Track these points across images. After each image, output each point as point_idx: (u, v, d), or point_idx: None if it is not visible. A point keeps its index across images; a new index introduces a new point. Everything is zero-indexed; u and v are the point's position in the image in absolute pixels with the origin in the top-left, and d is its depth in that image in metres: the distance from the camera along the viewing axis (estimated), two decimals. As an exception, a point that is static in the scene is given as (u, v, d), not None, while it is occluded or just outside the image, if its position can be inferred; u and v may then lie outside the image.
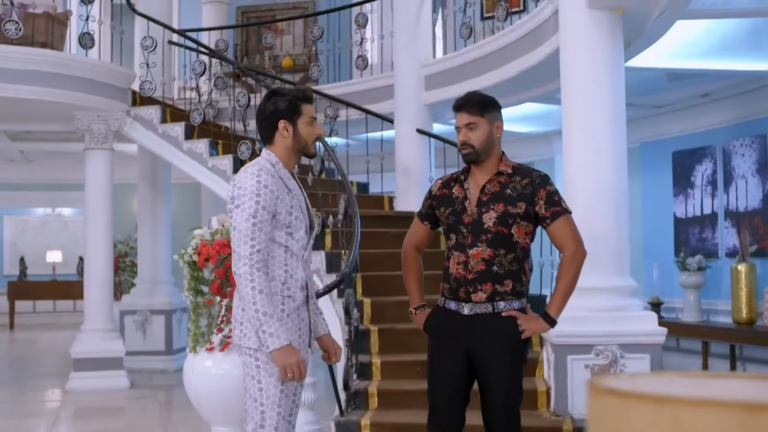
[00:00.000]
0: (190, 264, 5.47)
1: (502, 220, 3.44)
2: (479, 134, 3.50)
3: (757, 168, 7.88)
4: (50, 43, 8.88)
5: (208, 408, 5.40)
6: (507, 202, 3.46)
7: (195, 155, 8.46)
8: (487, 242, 3.44)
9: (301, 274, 3.34)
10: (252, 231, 3.20)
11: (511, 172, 3.52)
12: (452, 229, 3.54)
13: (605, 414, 0.86)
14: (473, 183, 3.55)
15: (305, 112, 3.40)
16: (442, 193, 3.62)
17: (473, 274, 3.44)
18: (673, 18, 5.45)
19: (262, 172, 3.27)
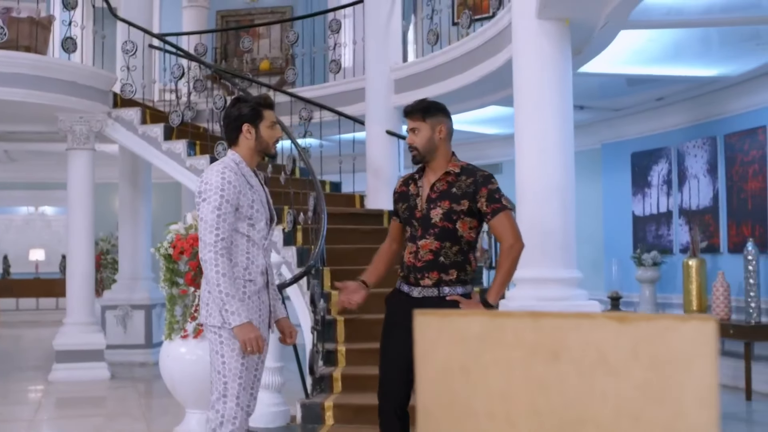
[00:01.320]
0: (165, 257, 5.83)
1: (447, 216, 3.79)
2: (421, 138, 3.84)
3: (708, 168, 8.30)
4: (34, 46, 9.21)
5: (183, 391, 5.77)
6: (452, 200, 3.80)
7: (174, 155, 8.80)
8: (434, 235, 3.80)
9: (262, 261, 3.72)
10: (216, 221, 3.57)
11: (458, 172, 3.85)
12: (407, 222, 3.91)
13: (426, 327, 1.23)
14: (426, 181, 3.90)
15: (266, 117, 3.77)
16: (401, 191, 3.98)
17: (422, 263, 3.81)
18: (616, 28, 5.84)
19: (226, 170, 3.64)
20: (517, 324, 1.07)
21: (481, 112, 9.11)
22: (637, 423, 1.02)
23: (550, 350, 1.03)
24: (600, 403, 1.02)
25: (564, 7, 5.50)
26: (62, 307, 14.00)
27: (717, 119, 8.19)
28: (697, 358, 1.07)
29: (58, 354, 8.94)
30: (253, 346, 3.55)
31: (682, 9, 5.82)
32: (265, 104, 3.82)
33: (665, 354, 1.04)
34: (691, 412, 1.06)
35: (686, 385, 1.05)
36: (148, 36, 9.60)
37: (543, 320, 1.06)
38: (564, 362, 1.03)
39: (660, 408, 1.03)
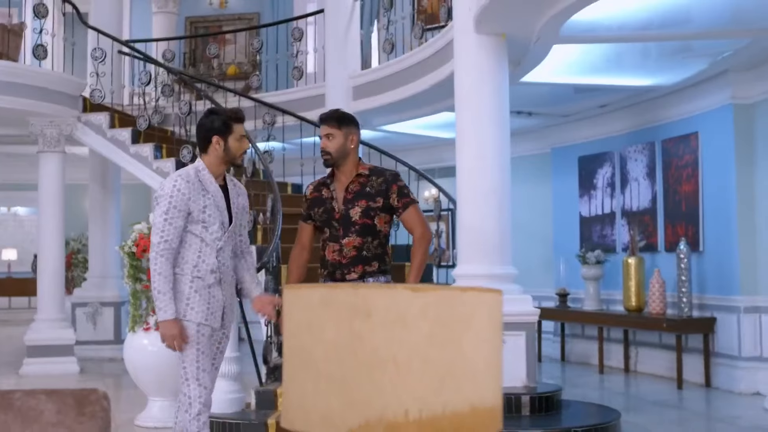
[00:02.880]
0: (129, 254, 6.24)
1: (366, 214, 4.12)
2: (335, 144, 4.16)
3: (648, 172, 8.81)
4: (6, 53, 9.56)
5: (145, 380, 6.19)
6: (368, 198, 4.13)
7: (141, 158, 9.18)
8: (356, 233, 4.12)
9: (213, 260, 4.04)
10: (163, 225, 3.95)
11: (368, 173, 4.20)
12: (326, 224, 4.19)
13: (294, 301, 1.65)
14: (338, 185, 4.20)
15: (236, 131, 4.07)
16: (314, 196, 4.27)
17: (347, 259, 4.13)
18: (549, 43, 6.31)
19: (179, 179, 4.00)
20: (343, 293, 1.50)
21: (436, 118, 9.56)
22: (425, 362, 1.45)
23: (365, 311, 1.46)
24: (398, 347, 1.45)
25: (499, 23, 5.97)
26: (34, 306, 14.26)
27: (655, 125, 8.69)
28: (475, 316, 1.51)
29: (28, 349, 9.29)
30: (170, 342, 3.96)
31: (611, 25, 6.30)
32: (235, 118, 4.10)
33: (448, 313, 1.48)
34: (469, 356, 1.50)
35: (465, 336, 1.49)
36: (117, 42, 9.97)
37: (360, 290, 1.49)
38: (374, 319, 1.45)
39: (443, 352, 1.46)
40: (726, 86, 7.56)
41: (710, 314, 7.89)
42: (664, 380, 8.22)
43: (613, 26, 6.31)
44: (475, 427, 1.51)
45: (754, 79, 7.36)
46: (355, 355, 1.47)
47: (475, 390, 1.51)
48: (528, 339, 6.01)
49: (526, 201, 10.24)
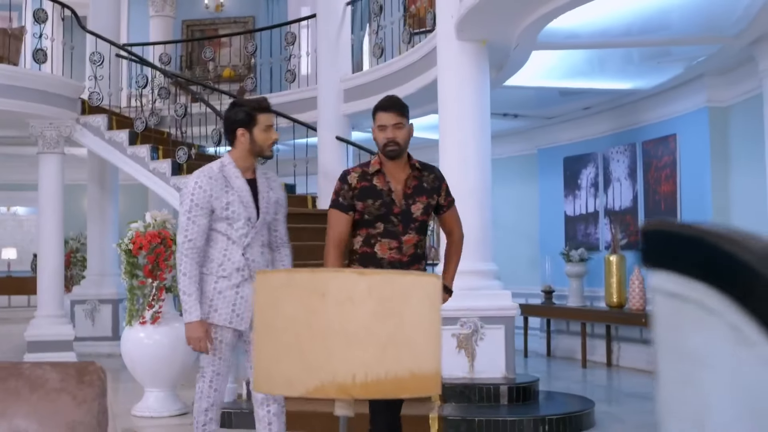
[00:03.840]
0: (126, 252, 6.51)
1: (425, 211, 3.94)
2: (404, 134, 3.89)
3: (629, 172, 9.09)
4: (7, 56, 9.84)
5: (141, 371, 6.46)
6: (427, 195, 3.95)
7: (138, 159, 9.44)
8: (415, 230, 3.91)
9: (239, 257, 3.93)
10: (186, 224, 3.87)
11: (420, 168, 3.99)
12: (381, 219, 3.88)
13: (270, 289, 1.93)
14: (392, 177, 3.92)
15: (261, 121, 3.93)
16: (364, 186, 3.90)
17: (407, 258, 3.89)
18: (528, 49, 6.59)
19: (201, 175, 3.95)
20: (302, 276, 1.78)
21: (424, 119, 9.83)
22: (370, 334, 1.72)
23: (320, 291, 1.73)
24: (347, 321, 1.72)
25: (479, 30, 6.25)
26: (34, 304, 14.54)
27: (636, 128, 8.98)
28: (413, 296, 1.79)
29: (29, 344, 9.56)
30: (195, 345, 3.89)
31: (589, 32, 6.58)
32: (259, 108, 3.97)
33: (389, 293, 1.75)
34: (408, 329, 1.77)
35: (404, 312, 1.76)
36: (115, 46, 10.24)
37: (317, 273, 1.76)
38: (328, 298, 1.73)
39: (385, 326, 1.74)
40: (702, 90, 7.84)
41: (687, 310, 8.17)
42: (645, 374, 8.50)
43: (592, 33, 6.59)
44: (414, 390, 1.79)
45: (727, 84, 7.64)
46: (311, 328, 1.74)
47: (414, 359, 1.78)
48: (507, 332, 6.29)
49: (514, 201, 10.52)
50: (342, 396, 1.74)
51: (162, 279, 6.36)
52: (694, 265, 0.72)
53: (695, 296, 0.71)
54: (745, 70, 7.17)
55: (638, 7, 6.18)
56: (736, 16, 5.94)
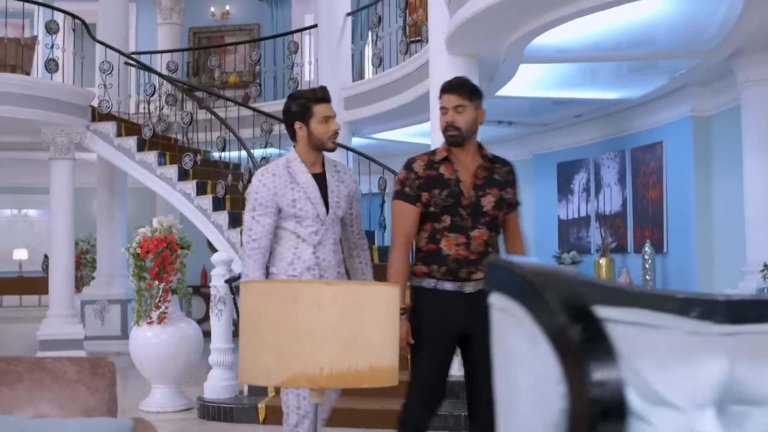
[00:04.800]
0: (134, 255, 6.87)
1: (498, 205, 3.60)
2: (466, 118, 3.57)
3: (619, 178, 9.41)
4: (20, 65, 10.24)
5: (148, 369, 6.83)
6: (500, 187, 3.63)
7: (146, 165, 9.82)
8: (485, 225, 3.56)
9: (309, 256, 3.76)
10: (251, 224, 3.77)
11: (492, 158, 3.69)
12: (448, 210, 3.56)
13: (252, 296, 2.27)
14: (461, 167, 3.62)
15: (317, 113, 3.77)
16: (430, 174, 3.61)
17: (476, 255, 3.53)
18: (516, 63, 6.92)
19: (265, 173, 3.82)
20: (279, 286, 2.12)
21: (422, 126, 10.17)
22: (335, 334, 2.06)
23: (294, 298, 2.07)
24: (315, 323, 2.06)
25: (468, 45, 6.59)
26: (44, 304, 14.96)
27: (625, 135, 9.30)
28: (373, 303, 2.13)
29: (41, 343, 9.94)
30: None
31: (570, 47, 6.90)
32: (314, 99, 3.80)
33: (352, 300, 2.10)
34: (368, 331, 2.12)
35: (364, 316, 2.11)
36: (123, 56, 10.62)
37: (291, 284, 2.11)
38: (300, 304, 2.07)
39: (348, 327, 2.08)
40: (686, 100, 8.16)
41: (673, 311, 8.49)
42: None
43: (584, 47, 6.89)
44: (373, 381, 2.14)
45: (710, 94, 7.95)
46: (286, 328, 2.09)
47: (372, 355, 2.13)
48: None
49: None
50: (311, 385, 2.09)
51: (168, 281, 6.72)
52: (511, 288, 1.07)
53: (512, 310, 1.06)
54: (726, 82, 7.48)
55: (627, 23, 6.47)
56: (712, 32, 6.25)
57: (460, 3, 6.09)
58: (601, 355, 0.94)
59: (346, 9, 10.08)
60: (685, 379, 1.12)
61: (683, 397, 1.11)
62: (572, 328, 0.95)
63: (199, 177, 9.47)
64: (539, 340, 1.01)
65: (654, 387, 1.08)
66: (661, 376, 1.10)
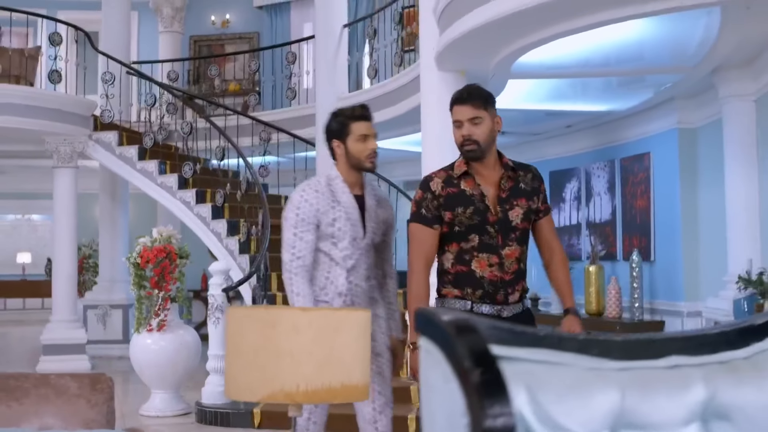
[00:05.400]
0: (134, 264, 7.11)
1: (527, 216, 3.39)
2: (484, 129, 3.38)
3: (608, 187, 9.63)
4: (24, 75, 10.49)
5: (148, 374, 7.06)
6: (527, 197, 3.41)
7: (147, 173, 10.06)
8: (516, 240, 3.35)
9: (342, 281, 3.65)
10: (293, 240, 3.61)
11: (513, 166, 3.48)
12: (474, 230, 3.34)
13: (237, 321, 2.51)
14: (483, 181, 3.42)
15: (354, 131, 3.66)
16: (451, 192, 3.41)
17: (510, 275, 3.32)
18: (504, 79, 7.15)
19: (308, 188, 3.69)
20: (259, 312, 2.35)
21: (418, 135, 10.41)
22: (310, 355, 2.29)
23: (273, 322, 2.30)
24: (293, 345, 2.28)
25: (457, 62, 6.81)
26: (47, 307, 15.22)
27: (614, 145, 9.51)
28: (344, 327, 2.36)
29: (44, 347, 10.19)
30: None
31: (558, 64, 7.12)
32: (353, 116, 3.69)
33: (325, 325, 2.32)
34: (340, 351, 2.34)
35: (336, 340, 2.33)
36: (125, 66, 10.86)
37: (270, 310, 2.33)
38: (278, 328, 2.29)
39: (322, 349, 2.30)
40: (672, 112, 8.37)
41: (660, 318, 8.71)
42: (620, 377, 9.03)
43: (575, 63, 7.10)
44: (345, 397, 2.37)
45: (695, 107, 8.17)
46: (266, 350, 2.32)
47: (345, 373, 2.36)
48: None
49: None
50: (288, 401, 2.32)
51: (167, 290, 6.96)
52: (433, 334, 1.30)
53: (433, 352, 1.30)
54: (709, 95, 7.69)
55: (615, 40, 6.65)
56: (692, 51, 6.48)
57: (448, 23, 6.32)
58: (496, 394, 1.17)
59: (343, 21, 10.30)
60: (581, 409, 1.36)
61: (579, 424, 1.34)
62: (474, 371, 1.18)
63: (199, 185, 9.71)
64: (451, 379, 1.24)
65: (554, 416, 1.32)
66: (560, 407, 1.33)
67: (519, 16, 5.60)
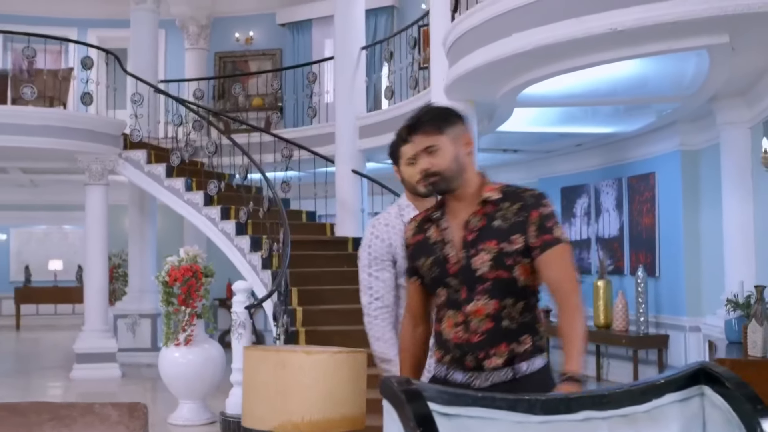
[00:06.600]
0: (163, 283, 7.58)
1: (499, 262, 2.69)
2: (444, 157, 2.72)
3: (616, 204, 10.00)
4: (58, 96, 11.03)
5: (176, 386, 7.53)
6: (499, 238, 2.70)
7: (174, 190, 10.54)
8: (487, 293, 2.71)
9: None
10: (369, 281, 3.37)
11: (499, 198, 2.76)
12: (439, 283, 2.79)
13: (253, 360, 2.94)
14: (453, 220, 2.79)
15: (402, 154, 3.30)
16: (417, 240, 2.87)
17: (479, 336, 2.71)
18: (510, 107, 7.55)
19: (377, 223, 3.44)
20: (270, 354, 2.78)
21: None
22: (313, 392, 2.72)
23: (282, 363, 2.73)
24: (299, 383, 2.71)
25: (465, 93, 7.23)
26: (78, 312, 15.82)
27: (622, 164, 9.88)
28: (344, 367, 2.78)
29: (77, 356, 10.71)
30: None
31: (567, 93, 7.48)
32: (401, 139, 3.21)
33: (326, 365, 2.75)
34: (339, 388, 2.77)
35: (336, 377, 2.76)
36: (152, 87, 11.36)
37: (281, 353, 2.76)
38: (287, 368, 2.72)
39: (324, 386, 2.73)
40: (675, 135, 8.73)
41: (664, 332, 9.07)
42: (627, 388, 9.39)
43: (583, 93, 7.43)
44: (344, 427, 2.79)
45: (697, 130, 8.52)
46: (276, 386, 2.75)
47: (344, 407, 2.78)
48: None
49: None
50: (295, 431, 2.75)
51: (194, 307, 7.42)
52: (390, 397, 1.72)
53: (390, 412, 1.72)
54: (709, 120, 8.03)
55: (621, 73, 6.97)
56: (687, 82, 6.84)
57: (456, 58, 6.73)
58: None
59: (361, 43, 10.72)
60: (508, 454, 1.78)
61: (506, 465, 1.76)
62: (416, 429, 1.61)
63: (224, 202, 10.16)
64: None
65: (485, 459, 1.73)
66: (491, 453, 1.75)
67: (521, 56, 6.01)
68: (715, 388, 1.97)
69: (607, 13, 5.30)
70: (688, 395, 1.99)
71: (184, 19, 14.56)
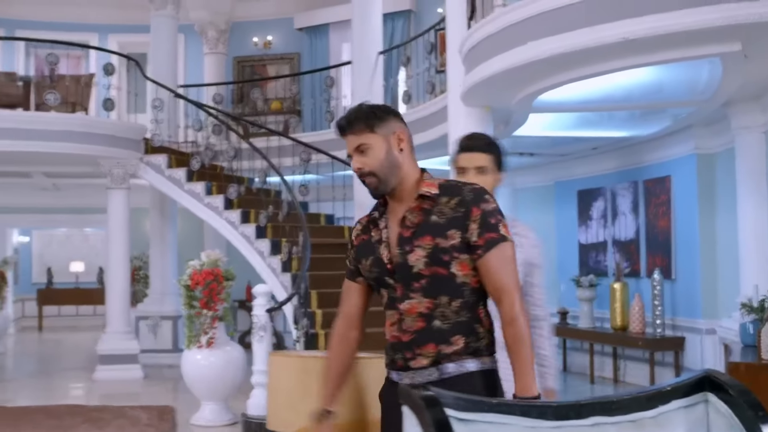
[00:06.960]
0: (185, 286, 7.71)
1: (435, 258, 2.60)
2: (374, 156, 2.66)
3: (632, 207, 10.06)
4: (80, 101, 11.21)
5: (198, 387, 7.67)
6: (435, 233, 2.61)
7: (194, 194, 10.69)
8: (421, 291, 2.63)
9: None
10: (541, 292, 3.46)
11: (437, 193, 2.66)
12: (379, 284, 2.74)
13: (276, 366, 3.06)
14: (392, 217, 2.73)
15: (458, 162, 3.30)
16: (361, 241, 2.81)
17: (409, 335, 2.64)
18: (525, 113, 7.63)
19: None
20: (293, 360, 2.90)
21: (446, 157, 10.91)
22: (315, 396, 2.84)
23: (305, 369, 2.85)
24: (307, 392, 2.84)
25: (481, 99, 7.32)
26: (99, 313, 16.02)
27: (638, 167, 9.94)
28: (362, 372, 2.89)
29: (100, 357, 10.88)
30: None
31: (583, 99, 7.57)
32: (459, 148, 3.24)
33: (348, 371, 2.87)
34: (357, 392, 2.88)
35: (355, 382, 2.87)
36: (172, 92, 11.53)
37: (304, 359, 2.88)
38: (309, 373, 2.84)
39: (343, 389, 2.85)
40: (691, 139, 8.79)
41: (681, 334, 9.13)
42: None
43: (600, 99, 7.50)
44: (363, 430, 2.91)
45: (712, 134, 8.58)
46: (300, 391, 2.87)
47: (359, 411, 2.90)
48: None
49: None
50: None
51: (215, 310, 7.56)
52: (410, 402, 1.83)
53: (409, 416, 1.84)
54: (725, 124, 8.10)
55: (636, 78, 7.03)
56: (701, 88, 6.91)
57: (472, 66, 6.83)
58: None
59: (378, 48, 10.83)
60: (521, 457, 1.88)
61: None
62: (435, 434, 1.71)
63: (243, 206, 10.30)
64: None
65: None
66: (505, 455, 1.86)
67: (536, 64, 6.10)
68: (719, 395, 2.07)
69: (620, 22, 5.38)
70: (693, 402, 2.10)
71: (203, 24, 14.74)
